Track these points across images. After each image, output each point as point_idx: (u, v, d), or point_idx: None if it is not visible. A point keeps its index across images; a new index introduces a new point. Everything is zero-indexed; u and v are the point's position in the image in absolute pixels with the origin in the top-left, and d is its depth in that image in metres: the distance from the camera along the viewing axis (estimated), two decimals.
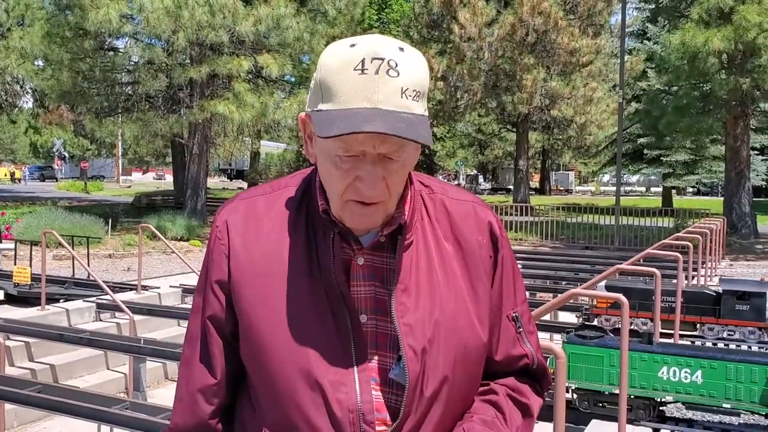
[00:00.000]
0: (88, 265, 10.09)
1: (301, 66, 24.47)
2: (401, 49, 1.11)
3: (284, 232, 1.21)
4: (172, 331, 9.17)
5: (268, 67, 17.76)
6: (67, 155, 52.76)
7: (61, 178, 53.88)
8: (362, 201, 1.13)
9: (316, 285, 1.17)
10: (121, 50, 19.65)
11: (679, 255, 7.34)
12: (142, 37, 19.09)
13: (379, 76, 1.08)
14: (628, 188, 56.18)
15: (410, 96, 1.09)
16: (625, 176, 51.23)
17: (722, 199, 22.67)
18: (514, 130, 32.00)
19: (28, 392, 5.14)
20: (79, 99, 19.81)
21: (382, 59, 1.08)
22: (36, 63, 20.53)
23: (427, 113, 1.16)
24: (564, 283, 11.92)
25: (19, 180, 51.76)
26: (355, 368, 1.14)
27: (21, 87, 30.34)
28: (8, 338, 7.69)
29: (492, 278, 1.26)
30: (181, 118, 18.73)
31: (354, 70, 1.08)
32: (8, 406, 6.33)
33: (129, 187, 48.14)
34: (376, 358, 1.16)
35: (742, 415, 5.14)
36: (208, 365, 1.25)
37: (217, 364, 1.25)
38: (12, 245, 13.60)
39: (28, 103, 42.97)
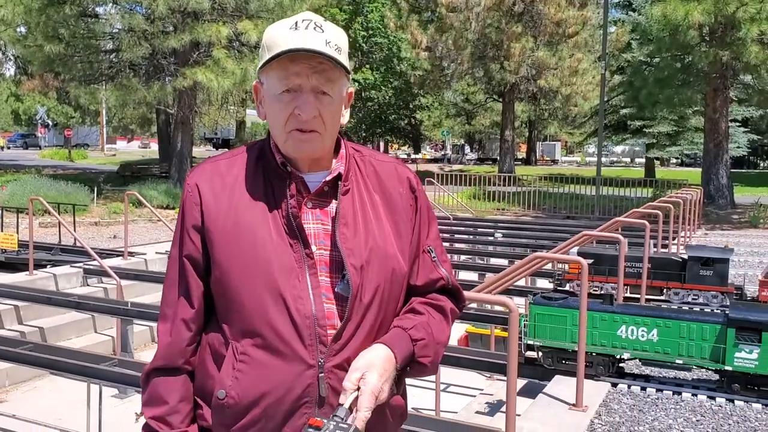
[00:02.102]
0: (75, 233, 10.25)
1: None
2: (326, 21, 1.48)
3: (245, 184, 1.51)
4: (159, 296, 9.36)
5: (247, 32, 17.71)
6: (50, 123, 52.15)
7: (45, 146, 53.30)
8: (301, 129, 1.44)
9: (277, 224, 1.47)
10: (102, 17, 19.46)
11: (646, 222, 7.63)
12: (123, 4, 18.93)
13: (308, 30, 1.43)
14: (613, 159, 56.51)
15: (332, 47, 1.43)
16: (609, 147, 51.56)
17: None
18: (501, 100, 32.08)
19: (20, 350, 5.35)
20: (62, 67, 19.65)
21: (311, 20, 1.45)
22: (18, 30, 20.26)
23: (350, 68, 1.51)
24: (544, 251, 12.21)
25: (2, 148, 51.18)
26: (309, 286, 1.45)
27: (3, 54, 29.89)
28: None
29: (414, 222, 1.59)
30: (165, 86, 18.66)
31: (289, 28, 1.44)
32: (1, 366, 6.57)
33: (114, 155, 47.79)
34: (325, 278, 1.47)
35: (693, 370, 5.47)
36: (188, 298, 1.52)
37: (194, 295, 1.53)
38: None
39: (9, 70, 42.36)
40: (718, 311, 5.46)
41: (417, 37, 27.20)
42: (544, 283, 10.39)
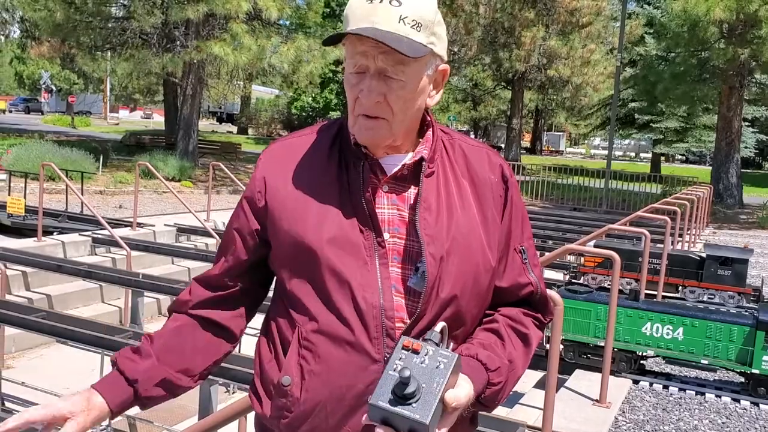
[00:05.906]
0: (81, 201, 10.12)
1: (297, 12, 24.01)
2: None
3: (318, 163, 1.40)
4: (167, 269, 9.31)
5: (267, 9, 17.42)
6: (54, 88, 51.77)
7: (47, 111, 52.92)
8: (366, 114, 1.33)
9: (347, 206, 1.35)
10: None
11: (668, 219, 7.52)
12: None
13: (382, 4, 1.28)
14: (617, 153, 56.30)
15: (408, 23, 1.28)
16: (616, 141, 51.32)
17: (710, 168, 22.92)
18: (509, 88, 31.83)
19: (34, 318, 5.25)
20: (72, 33, 19.36)
21: None
22: None
23: (432, 45, 1.32)
24: (551, 242, 12.13)
25: (3, 111, 50.79)
26: (378, 275, 1.32)
27: (11, 15, 29.49)
28: (6, 267, 7.79)
29: (502, 214, 1.44)
30: (175, 57, 18.41)
31: (366, 1, 1.30)
32: (8, 331, 6.47)
33: (117, 124, 47.45)
34: (396, 269, 1.34)
35: (717, 372, 5.40)
36: (216, 261, 1.48)
37: (224, 262, 1.46)
38: (4, 176, 13.55)
39: (15, 32, 41.88)
40: (746, 313, 5.37)
41: None
42: (549, 274, 10.32)
